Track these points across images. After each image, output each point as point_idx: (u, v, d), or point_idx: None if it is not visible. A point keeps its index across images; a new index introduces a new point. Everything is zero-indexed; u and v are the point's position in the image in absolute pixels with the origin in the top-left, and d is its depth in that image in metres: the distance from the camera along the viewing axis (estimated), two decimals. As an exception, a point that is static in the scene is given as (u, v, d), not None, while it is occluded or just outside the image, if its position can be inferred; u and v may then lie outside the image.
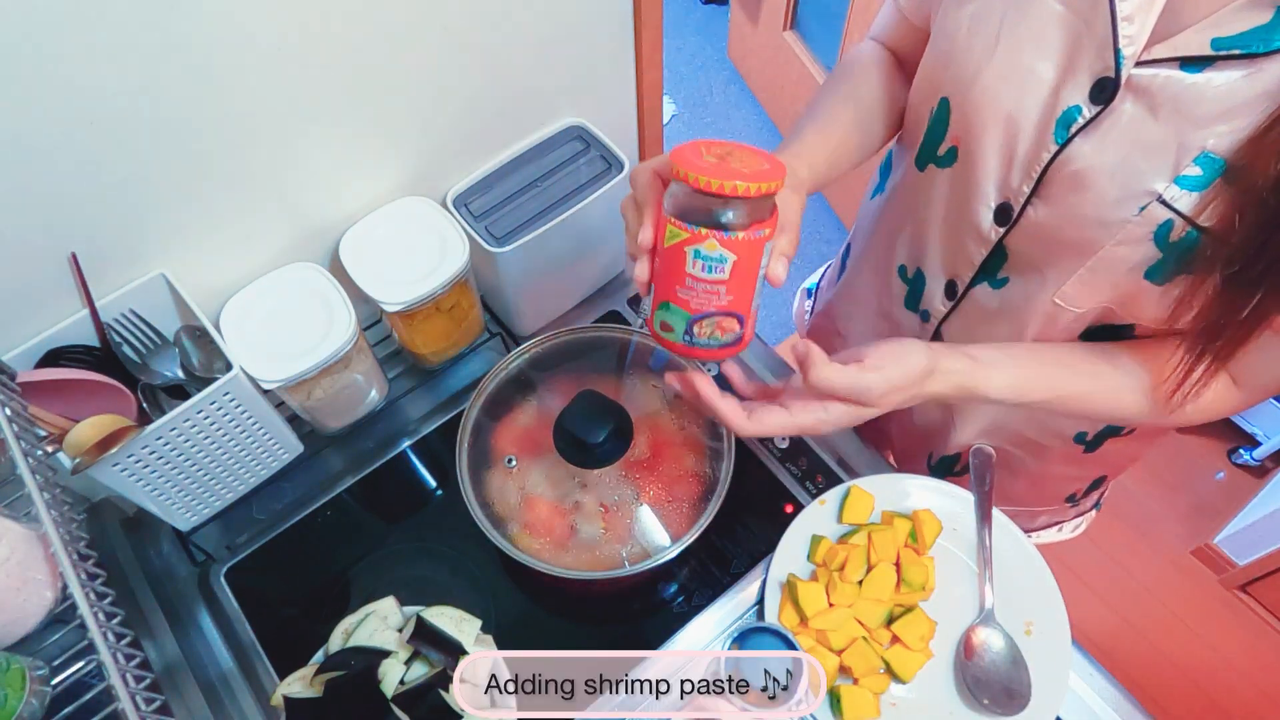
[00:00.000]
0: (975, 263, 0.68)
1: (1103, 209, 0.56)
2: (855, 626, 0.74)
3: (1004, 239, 0.64)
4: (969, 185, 0.64)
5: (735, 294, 0.55)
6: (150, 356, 0.75)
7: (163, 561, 0.86)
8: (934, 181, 0.69)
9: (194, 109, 0.65)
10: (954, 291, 0.72)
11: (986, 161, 0.62)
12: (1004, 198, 0.62)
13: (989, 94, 0.59)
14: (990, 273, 0.68)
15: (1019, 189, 0.61)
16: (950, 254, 0.71)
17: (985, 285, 0.69)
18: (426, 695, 0.66)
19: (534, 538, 0.81)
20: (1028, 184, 0.60)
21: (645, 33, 0.93)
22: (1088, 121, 0.55)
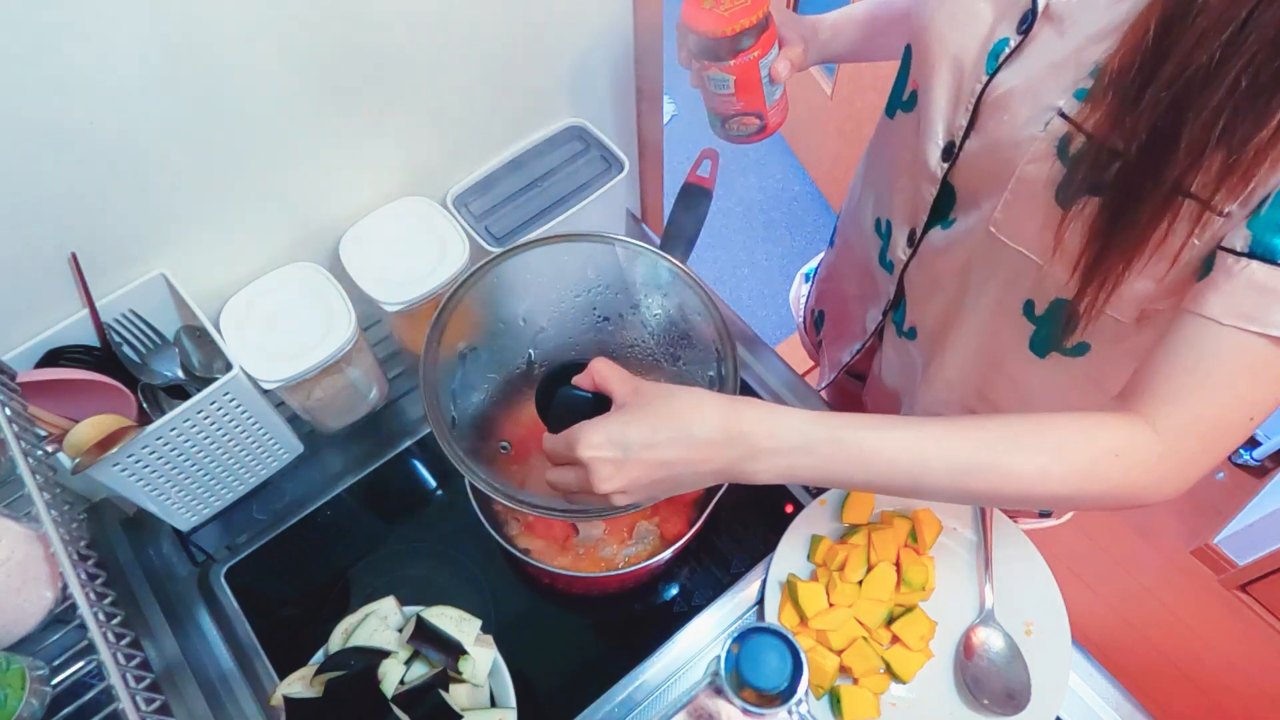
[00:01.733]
0: (928, 203, 0.70)
1: (1016, 129, 0.58)
2: (855, 626, 0.74)
3: (948, 175, 0.66)
4: (923, 127, 0.67)
5: (745, 99, 0.74)
6: (150, 356, 0.75)
7: (163, 561, 0.86)
8: (900, 128, 0.72)
9: (194, 109, 0.65)
10: (913, 239, 0.74)
11: (937, 102, 0.64)
12: (949, 135, 0.65)
13: (939, 36, 0.62)
14: (942, 215, 0.70)
15: (959, 124, 0.63)
16: (909, 199, 0.72)
17: (938, 228, 0.71)
18: (426, 695, 0.66)
19: (534, 538, 0.81)
20: (964, 117, 0.62)
21: (645, 33, 0.93)
22: (1012, 51, 0.58)
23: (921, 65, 0.65)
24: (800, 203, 2.48)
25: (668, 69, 0.96)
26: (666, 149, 1.14)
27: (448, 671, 0.68)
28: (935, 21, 0.63)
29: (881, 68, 1.93)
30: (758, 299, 2.31)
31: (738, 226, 2.44)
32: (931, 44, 0.63)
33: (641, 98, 1.02)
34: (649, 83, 1.00)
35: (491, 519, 0.79)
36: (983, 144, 0.62)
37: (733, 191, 2.50)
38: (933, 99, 0.64)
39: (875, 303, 0.86)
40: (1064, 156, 0.56)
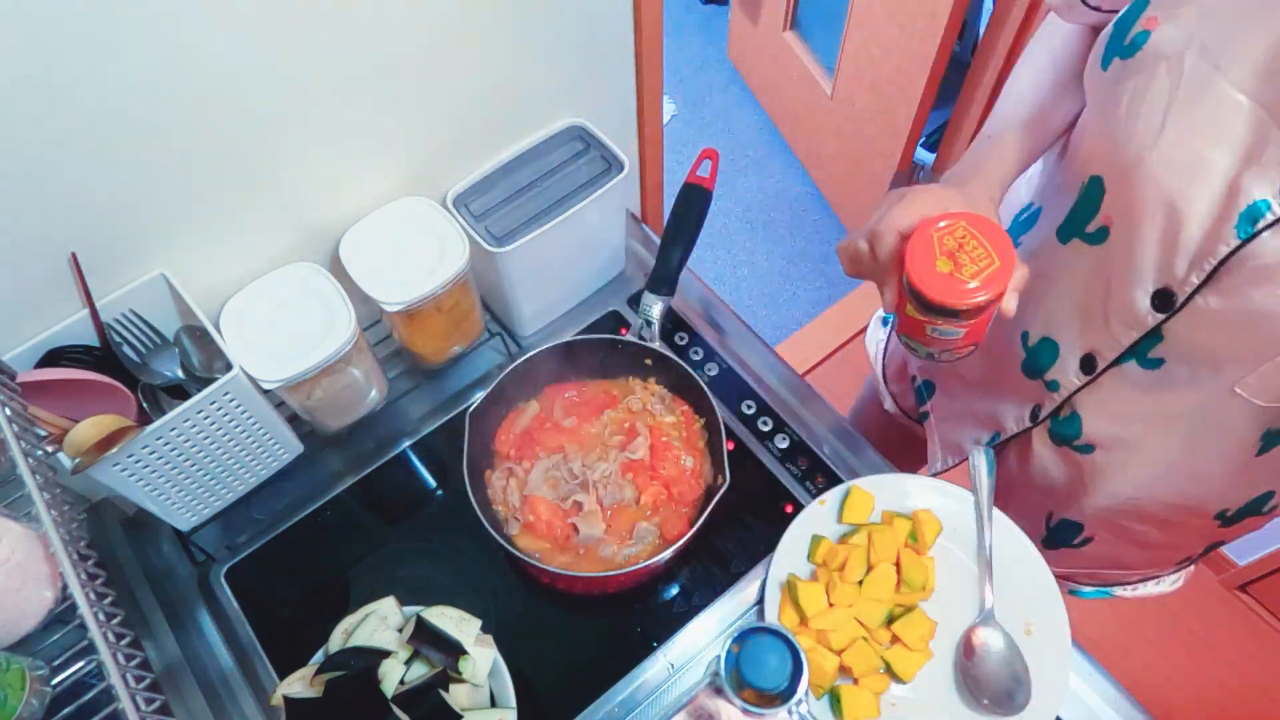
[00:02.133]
0: (1123, 344, 0.66)
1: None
2: (855, 626, 0.74)
3: (1163, 325, 0.62)
4: (1121, 267, 0.62)
5: (970, 339, 0.64)
6: (150, 356, 0.75)
7: (163, 561, 0.86)
8: (1078, 256, 0.67)
9: (195, 109, 0.65)
10: (1092, 366, 0.70)
11: (1144, 246, 0.60)
12: (1163, 283, 0.60)
13: (1152, 180, 0.57)
14: (1139, 353, 0.66)
15: (1184, 278, 0.58)
16: (1091, 330, 0.69)
17: (1134, 364, 0.67)
18: (426, 695, 0.66)
19: (534, 538, 0.81)
20: (1197, 274, 0.57)
21: (645, 33, 0.93)
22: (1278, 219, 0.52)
23: (1122, 205, 0.60)
24: (800, 203, 2.48)
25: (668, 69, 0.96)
26: (666, 149, 1.14)
27: (448, 671, 0.68)
28: (1147, 161, 0.57)
29: (882, 67, 1.93)
30: (758, 299, 2.31)
31: (738, 226, 2.44)
32: (1142, 187, 0.58)
33: (641, 98, 1.02)
34: (649, 83, 1.00)
35: (491, 519, 0.79)
36: (1237, 309, 0.57)
37: (733, 191, 2.50)
38: (1137, 243, 0.60)
39: (1015, 405, 0.82)
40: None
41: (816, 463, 0.89)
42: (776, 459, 0.90)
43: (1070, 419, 0.75)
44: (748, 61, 2.64)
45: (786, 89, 2.45)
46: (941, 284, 0.57)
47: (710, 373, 0.96)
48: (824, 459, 0.90)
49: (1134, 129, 0.57)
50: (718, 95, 2.70)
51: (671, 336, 0.99)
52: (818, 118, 2.32)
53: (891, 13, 1.82)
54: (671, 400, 0.88)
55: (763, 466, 0.90)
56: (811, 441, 0.91)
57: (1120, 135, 0.58)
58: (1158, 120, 0.56)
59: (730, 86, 2.72)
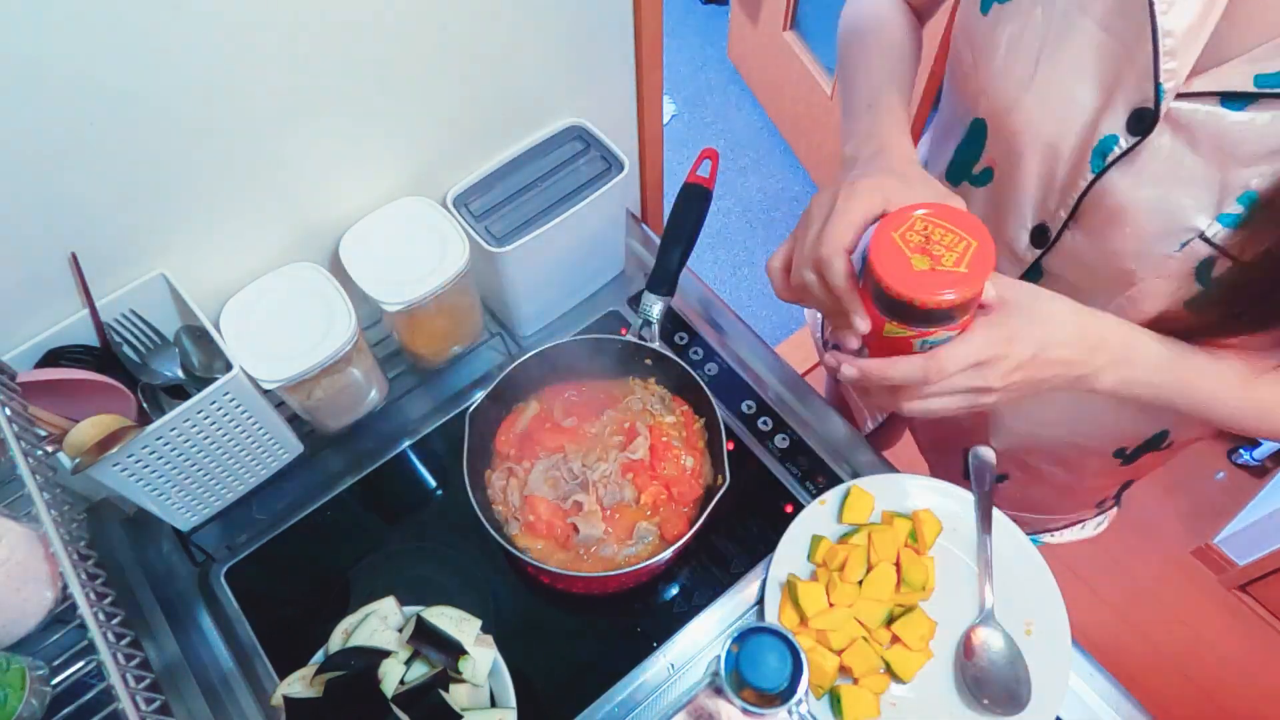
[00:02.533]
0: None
1: (1142, 243, 0.55)
2: (855, 626, 0.74)
3: (1040, 260, 0.64)
4: (1005, 206, 0.64)
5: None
6: (150, 356, 0.75)
7: (163, 561, 0.86)
8: (967, 198, 0.68)
9: (195, 109, 0.65)
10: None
11: (1025, 184, 0.61)
12: (1040, 219, 0.62)
13: (1029, 120, 0.58)
14: None
15: (1056, 213, 0.60)
16: None
17: None
18: (426, 695, 0.66)
19: (534, 538, 0.81)
20: (1064, 210, 0.59)
21: (645, 33, 0.93)
22: (1124, 152, 0.54)
23: (1003, 146, 0.62)
24: (800, 203, 2.48)
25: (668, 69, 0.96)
26: (666, 149, 1.14)
27: (448, 671, 0.68)
28: (1023, 102, 0.58)
29: (881, 68, 1.93)
30: (758, 299, 2.31)
31: (738, 226, 2.45)
32: (1020, 127, 0.59)
33: (641, 98, 1.02)
34: (649, 83, 1.00)
35: (491, 519, 0.79)
36: (1093, 245, 0.59)
37: (733, 191, 2.50)
38: (1019, 183, 0.61)
39: None
40: (1203, 278, 0.54)
41: (816, 463, 0.89)
42: (776, 459, 0.90)
43: None
44: (748, 61, 2.64)
45: (786, 89, 2.45)
46: (929, 283, 0.49)
47: (710, 373, 0.96)
48: (824, 459, 0.90)
49: (1011, 71, 0.58)
50: (718, 95, 2.70)
51: (671, 336, 0.99)
52: (818, 118, 2.32)
53: (891, 13, 1.82)
54: (671, 400, 0.88)
55: (763, 466, 0.90)
56: (811, 441, 0.91)
57: (998, 78, 0.59)
58: (1032, 61, 0.57)
59: (730, 86, 2.72)
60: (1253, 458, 1.94)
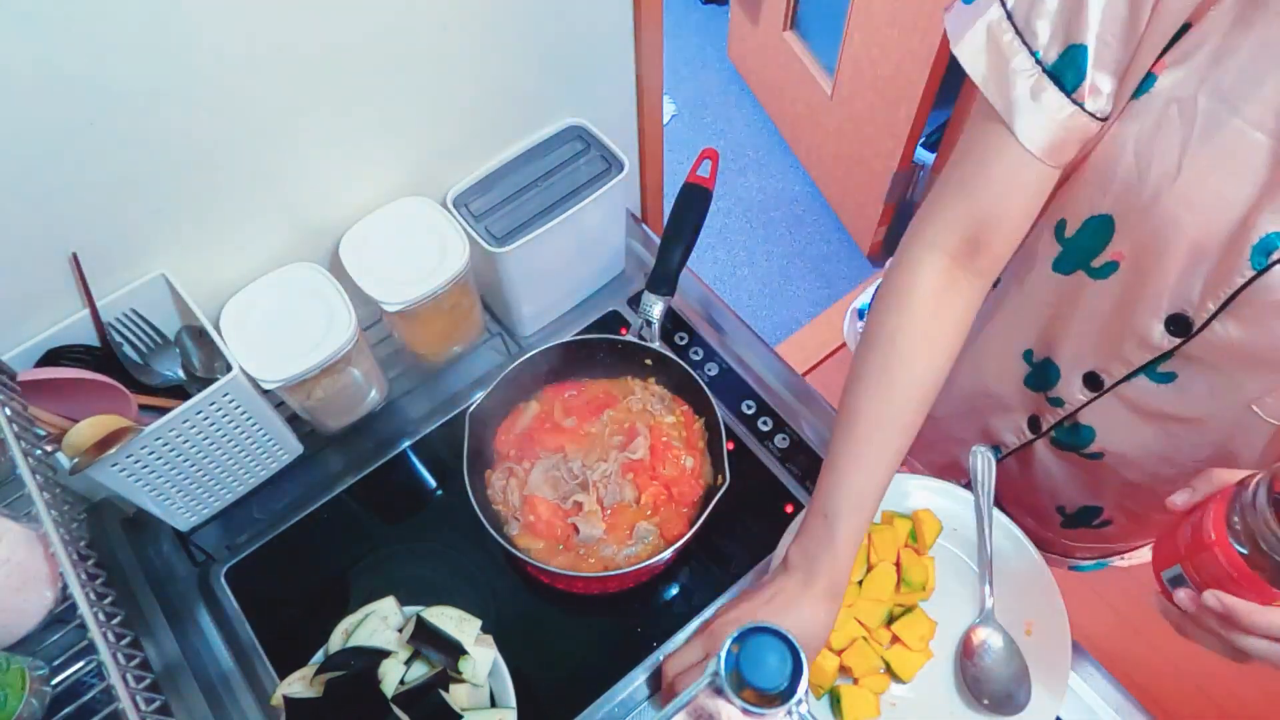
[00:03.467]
0: (1133, 364, 0.67)
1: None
2: (855, 626, 0.74)
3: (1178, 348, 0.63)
4: (1134, 297, 0.63)
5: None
6: (150, 356, 0.75)
7: (163, 561, 0.86)
8: (1082, 287, 0.68)
9: (195, 109, 0.65)
10: (1098, 383, 0.71)
11: (1162, 278, 0.61)
12: (1178, 309, 0.61)
13: (1170, 218, 0.58)
14: (1149, 369, 0.67)
15: (1200, 304, 0.60)
16: (1099, 352, 0.69)
17: (1143, 379, 0.68)
18: (426, 695, 0.66)
19: (534, 538, 0.81)
20: (1214, 302, 0.59)
21: (645, 33, 0.93)
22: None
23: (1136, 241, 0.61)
24: (800, 203, 2.48)
25: (668, 69, 0.96)
26: (666, 149, 1.14)
27: (448, 671, 0.68)
28: (1164, 200, 0.58)
29: (882, 67, 1.93)
30: (758, 299, 2.31)
31: (738, 226, 2.44)
32: (1160, 225, 0.59)
33: (641, 98, 1.02)
34: (649, 83, 1.00)
35: (491, 519, 0.79)
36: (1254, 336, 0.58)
37: (733, 191, 2.50)
38: (1155, 276, 0.61)
39: (1008, 419, 0.83)
40: None
41: (816, 463, 0.89)
42: (776, 459, 0.90)
43: (1075, 429, 0.76)
44: (748, 61, 2.64)
45: (786, 89, 2.45)
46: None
47: (710, 373, 0.96)
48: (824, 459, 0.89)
49: (1147, 167, 0.58)
50: (718, 95, 2.70)
51: (671, 336, 0.99)
52: (818, 118, 2.32)
53: (891, 13, 1.82)
54: (671, 400, 0.88)
55: (763, 466, 0.90)
56: (811, 441, 0.91)
57: (1127, 174, 0.59)
58: (1174, 160, 0.57)
59: (730, 86, 2.72)
60: (1253, 458, 1.93)
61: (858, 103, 2.09)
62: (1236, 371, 0.62)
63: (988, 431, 0.86)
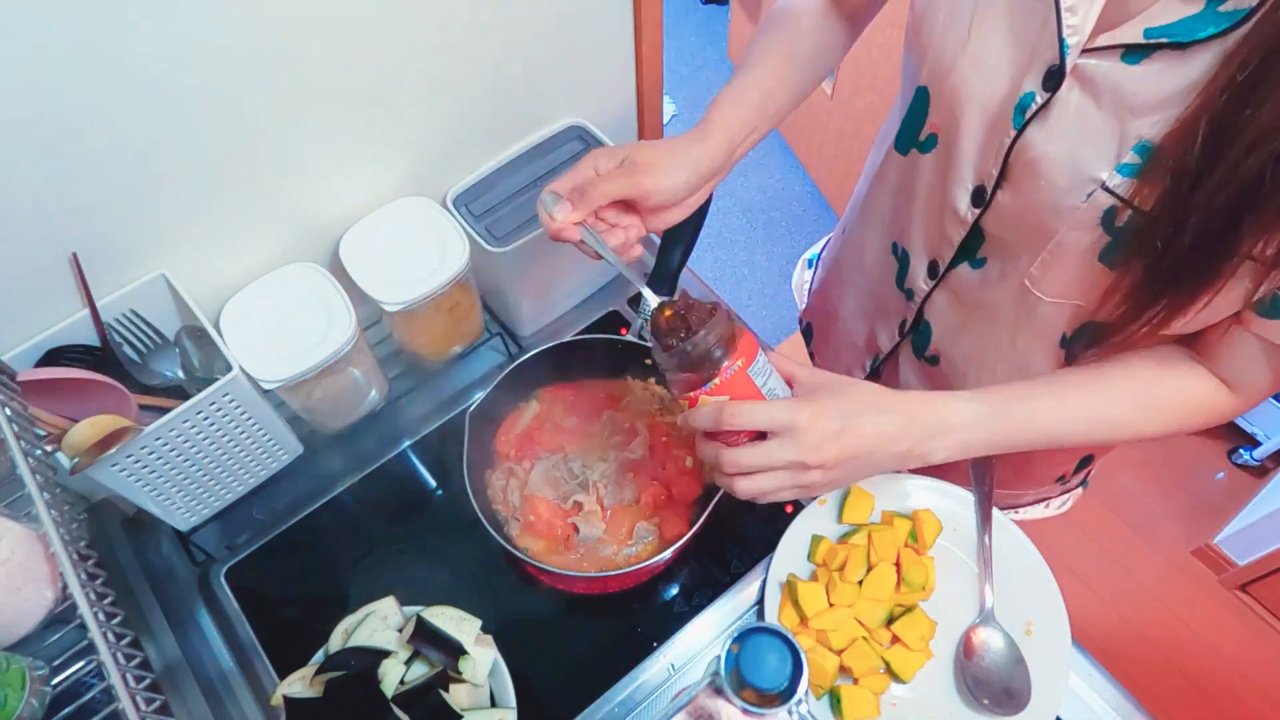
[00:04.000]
0: (954, 242, 0.69)
1: (1055, 195, 0.58)
2: (855, 626, 0.74)
3: (979, 220, 0.66)
4: (948, 169, 0.66)
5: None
6: (150, 356, 0.75)
7: (163, 561, 0.86)
8: (916, 165, 0.70)
9: (195, 109, 0.65)
10: (936, 271, 0.74)
11: (964, 147, 0.63)
12: (979, 180, 0.64)
13: (964, 82, 0.61)
14: (970, 253, 0.70)
15: (989, 172, 0.62)
16: (932, 234, 0.72)
17: (965, 265, 0.71)
18: (426, 695, 0.66)
19: (534, 538, 0.81)
20: (995, 167, 0.61)
21: (645, 33, 0.93)
22: (1039, 108, 0.56)
23: (944, 110, 0.64)
24: (800, 203, 2.48)
25: (668, 69, 0.96)
26: (666, 149, 1.13)
27: (448, 671, 0.68)
28: (959, 65, 0.60)
29: (882, 67, 1.93)
30: (758, 299, 2.31)
31: (738, 226, 2.44)
32: (957, 90, 0.61)
33: (641, 98, 1.02)
34: (649, 83, 1.00)
35: (491, 519, 0.79)
36: (1017, 201, 0.61)
37: (733, 191, 2.50)
38: (959, 144, 0.63)
39: (886, 322, 0.86)
40: (1109, 227, 0.56)
41: (816, 463, 0.89)
42: (776, 459, 0.90)
43: (923, 329, 0.80)
44: (748, 61, 2.64)
45: (786, 89, 2.45)
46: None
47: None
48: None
49: (949, 35, 0.60)
50: (718, 95, 2.70)
51: (671, 336, 0.99)
52: (818, 118, 2.32)
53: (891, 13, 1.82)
54: (671, 400, 0.88)
55: (763, 466, 0.90)
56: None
57: (938, 44, 0.62)
58: (965, 24, 0.59)
59: (730, 86, 2.72)
60: (1253, 458, 1.94)
61: (858, 103, 2.09)
62: (1015, 244, 0.64)
63: (872, 337, 0.90)
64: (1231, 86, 0.46)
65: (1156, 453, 2.00)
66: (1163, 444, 2.02)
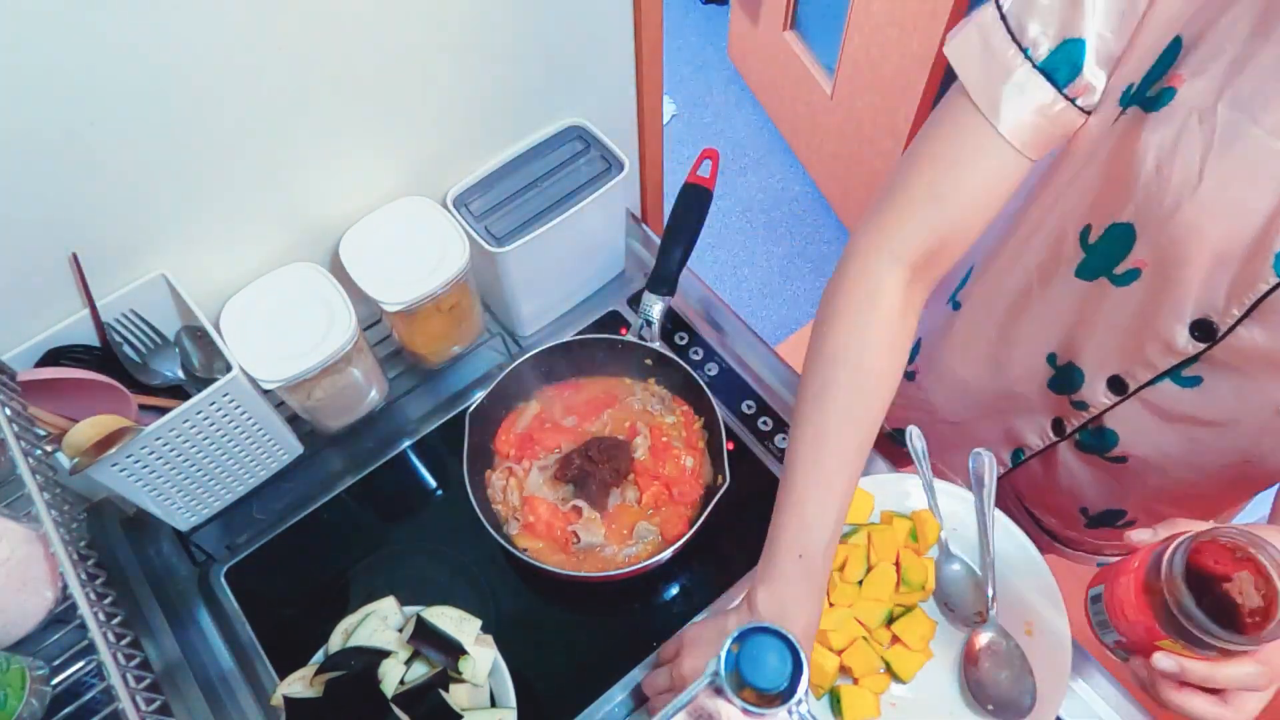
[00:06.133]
0: (1158, 368, 0.67)
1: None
2: (855, 626, 0.74)
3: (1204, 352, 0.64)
4: (1157, 303, 0.64)
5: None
6: (150, 356, 0.75)
7: (163, 561, 0.86)
8: (1105, 293, 0.67)
9: (195, 109, 0.65)
10: (1122, 387, 0.71)
11: (1184, 286, 0.61)
12: (1202, 314, 0.62)
13: (1192, 227, 0.58)
14: (1174, 373, 0.67)
15: (1224, 310, 0.60)
16: (1123, 357, 0.69)
17: (1168, 383, 0.68)
18: (426, 695, 0.66)
19: (534, 538, 0.81)
20: (1238, 308, 0.59)
21: (645, 33, 0.93)
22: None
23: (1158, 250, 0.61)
24: (800, 203, 2.48)
25: (668, 69, 0.96)
26: (666, 149, 1.14)
27: (448, 671, 0.68)
28: (1185, 209, 0.58)
29: (882, 67, 1.93)
30: (758, 299, 2.31)
31: (738, 226, 2.44)
32: (1182, 233, 0.59)
33: (641, 98, 1.02)
34: (649, 83, 1.00)
35: (491, 519, 0.79)
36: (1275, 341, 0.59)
37: (733, 191, 2.50)
38: (1178, 284, 0.61)
39: (1031, 421, 0.82)
40: None
41: (816, 463, 0.89)
42: (776, 459, 0.90)
43: (1100, 432, 0.76)
44: (748, 61, 2.64)
45: (786, 89, 2.45)
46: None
47: (710, 373, 0.96)
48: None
49: (1168, 176, 0.58)
50: (718, 95, 2.70)
51: (671, 336, 0.99)
52: (818, 118, 2.32)
53: (891, 13, 1.82)
54: (671, 400, 0.88)
55: (763, 466, 0.90)
56: (811, 441, 0.91)
57: (1150, 183, 0.59)
58: (1195, 169, 0.57)
59: (730, 86, 2.72)
60: (1253, 458, 1.93)
61: (858, 103, 2.09)
62: (1261, 375, 0.62)
63: (1011, 434, 0.86)
64: None
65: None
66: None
